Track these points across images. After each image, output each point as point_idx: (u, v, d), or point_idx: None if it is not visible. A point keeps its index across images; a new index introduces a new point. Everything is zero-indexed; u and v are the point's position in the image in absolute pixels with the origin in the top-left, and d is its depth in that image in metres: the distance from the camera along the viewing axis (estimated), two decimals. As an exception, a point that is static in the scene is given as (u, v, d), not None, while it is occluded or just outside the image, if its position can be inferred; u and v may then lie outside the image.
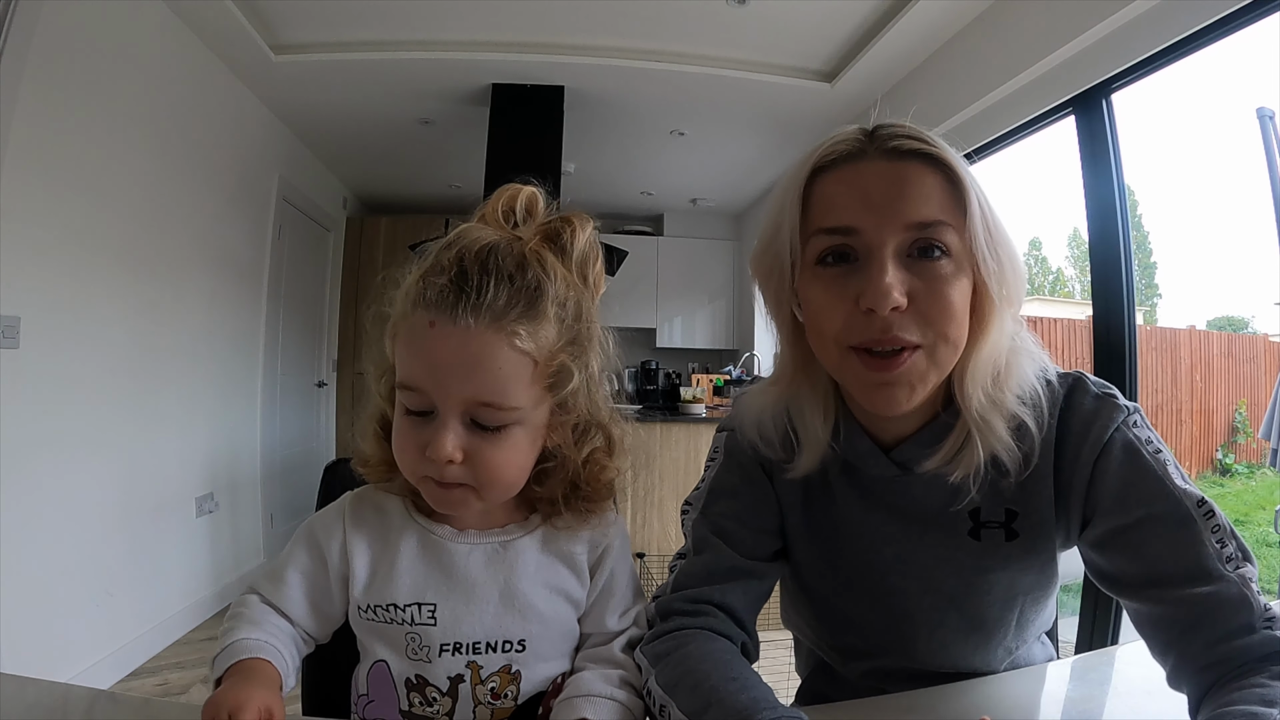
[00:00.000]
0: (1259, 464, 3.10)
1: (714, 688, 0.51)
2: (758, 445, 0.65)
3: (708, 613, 0.61)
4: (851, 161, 0.55)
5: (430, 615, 0.55)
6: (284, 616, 0.57)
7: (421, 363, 0.50)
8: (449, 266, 0.51)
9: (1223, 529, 0.51)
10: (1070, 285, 4.57)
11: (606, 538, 0.61)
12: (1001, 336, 0.56)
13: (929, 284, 0.53)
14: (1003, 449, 0.56)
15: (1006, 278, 0.55)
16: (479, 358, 0.49)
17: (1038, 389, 0.57)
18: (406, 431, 0.52)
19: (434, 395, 0.50)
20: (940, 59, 2.47)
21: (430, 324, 0.49)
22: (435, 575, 0.56)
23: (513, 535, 0.58)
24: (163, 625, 2.33)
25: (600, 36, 2.55)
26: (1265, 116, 2.00)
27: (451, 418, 0.50)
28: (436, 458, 0.49)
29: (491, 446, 0.51)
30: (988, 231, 0.54)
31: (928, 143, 0.55)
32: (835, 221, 0.55)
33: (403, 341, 0.52)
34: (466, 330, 0.48)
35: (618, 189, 4.41)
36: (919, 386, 0.54)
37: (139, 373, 2.22)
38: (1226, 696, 0.45)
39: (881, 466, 0.61)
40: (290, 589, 0.57)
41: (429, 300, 0.50)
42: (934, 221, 0.53)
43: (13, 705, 0.54)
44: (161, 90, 2.26)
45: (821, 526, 0.66)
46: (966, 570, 0.61)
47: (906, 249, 0.53)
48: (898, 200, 0.53)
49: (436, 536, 0.57)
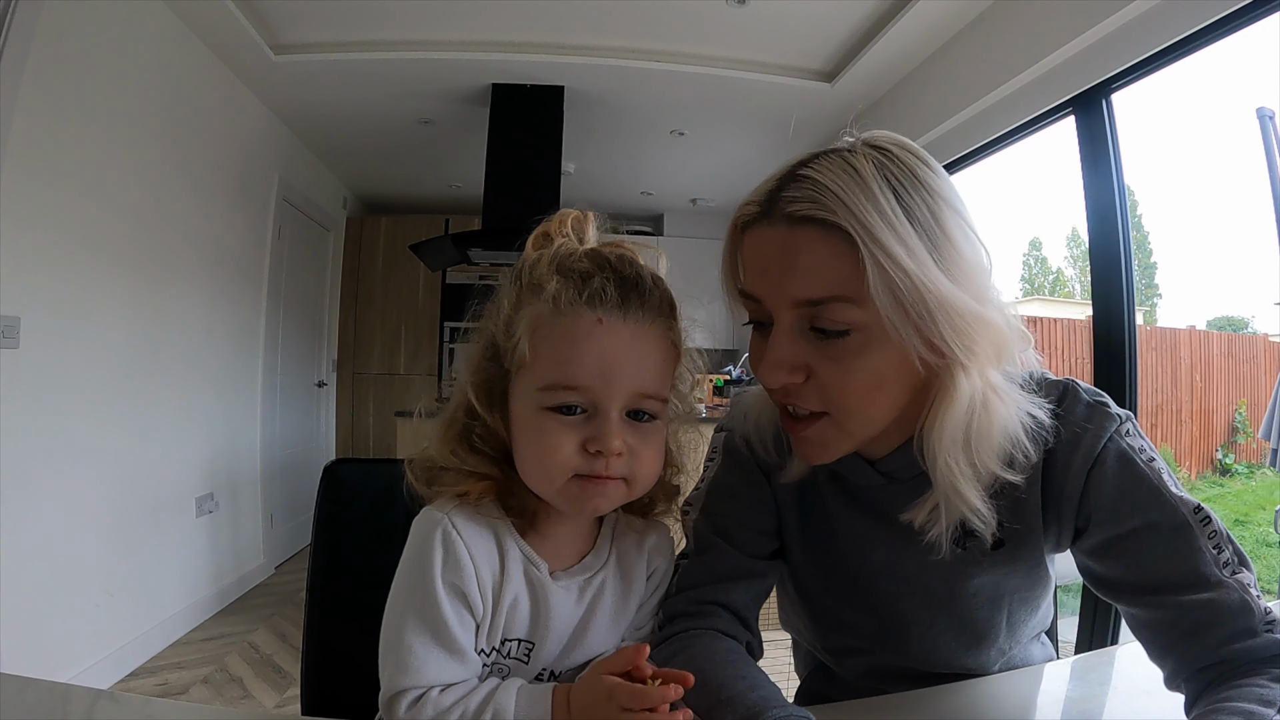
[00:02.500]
0: (1259, 464, 3.10)
1: (722, 686, 0.51)
2: (753, 446, 0.65)
3: (712, 613, 0.61)
4: (758, 224, 0.53)
5: (525, 653, 0.55)
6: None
7: (588, 358, 0.51)
8: (594, 269, 0.53)
9: (1219, 535, 0.51)
10: (1070, 285, 4.56)
11: (661, 555, 0.63)
12: (959, 397, 0.50)
13: (830, 361, 0.51)
14: (973, 515, 0.52)
15: (945, 332, 0.48)
16: (647, 351, 0.53)
17: (1022, 441, 0.53)
18: (557, 430, 0.51)
19: (599, 389, 0.51)
20: (940, 59, 2.47)
21: (599, 321, 0.51)
22: (536, 611, 0.55)
23: (592, 571, 0.58)
24: (163, 625, 2.33)
25: (600, 36, 2.55)
26: (1265, 116, 2.00)
27: (615, 411, 0.52)
28: (608, 449, 0.51)
29: (644, 438, 0.54)
30: (898, 296, 0.47)
31: (823, 208, 0.48)
32: (745, 287, 0.55)
33: (553, 341, 0.52)
34: (638, 324, 0.53)
35: (618, 189, 4.41)
36: (832, 446, 0.55)
37: (139, 373, 2.22)
38: (1224, 693, 0.45)
39: (867, 476, 0.61)
40: (470, 652, 0.52)
41: (591, 299, 0.52)
42: (822, 299, 0.49)
43: (13, 705, 0.54)
44: (161, 90, 2.26)
45: (814, 528, 0.67)
46: (952, 575, 0.61)
47: (806, 323, 0.51)
48: (786, 275, 0.51)
49: (538, 571, 0.55)
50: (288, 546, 3.43)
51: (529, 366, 0.52)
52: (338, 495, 0.83)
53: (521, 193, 2.80)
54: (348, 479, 0.84)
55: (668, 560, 0.64)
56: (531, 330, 0.52)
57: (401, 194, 4.54)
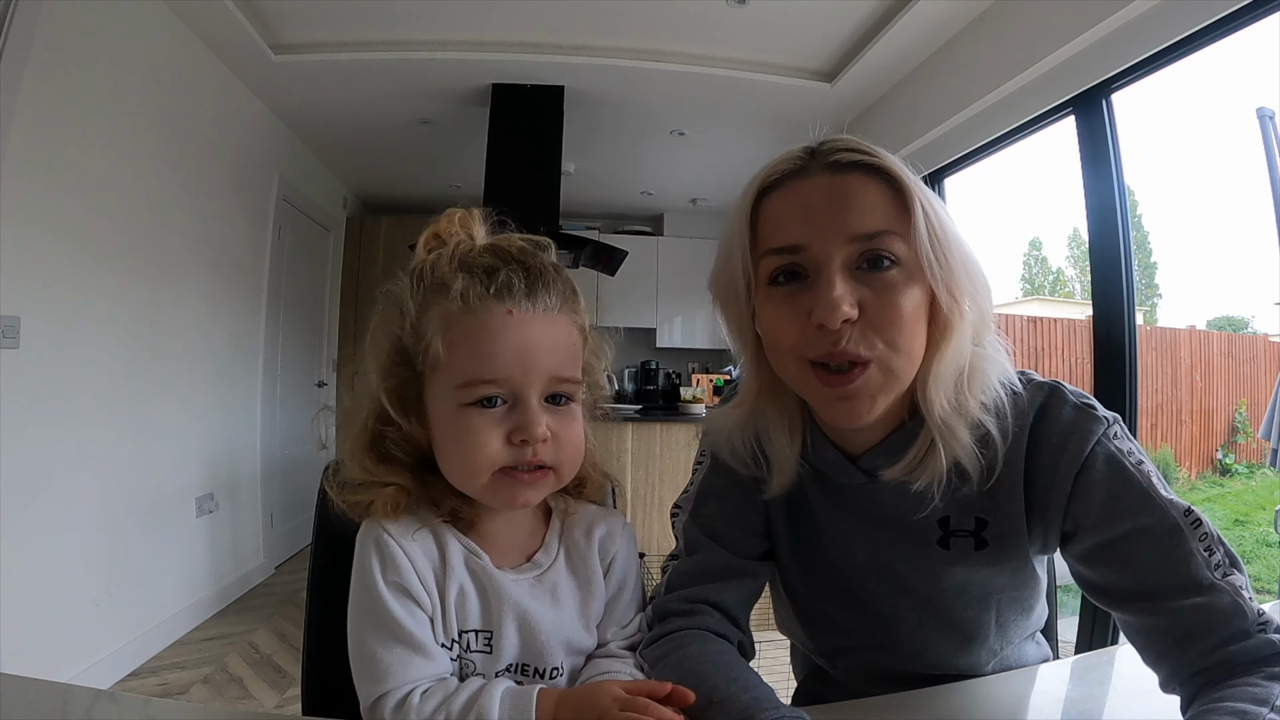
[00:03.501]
0: (1259, 464, 3.10)
1: (715, 688, 0.51)
2: (732, 465, 0.65)
3: (703, 612, 0.61)
4: (795, 179, 0.55)
5: (486, 643, 0.55)
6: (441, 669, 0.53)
7: (504, 349, 0.52)
8: (498, 263, 0.54)
9: (1210, 537, 0.51)
10: (1070, 285, 4.57)
11: (615, 545, 0.62)
12: (963, 343, 0.55)
13: (879, 294, 0.52)
14: (966, 456, 0.55)
15: (960, 284, 0.54)
16: (558, 336, 0.55)
17: (1002, 397, 0.56)
18: (480, 425, 0.52)
19: (518, 379, 0.52)
20: (940, 59, 2.47)
21: (509, 312, 0.52)
22: (486, 601, 0.55)
23: (542, 567, 0.58)
24: (163, 625, 2.33)
25: (600, 36, 2.55)
26: (1265, 116, 2.00)
27: (535, 399, 0.52)
28: (533, 437, 0.52)
29: (565, 422, 0.55)
30: (934, 238, 0.53)
31: (869, 154, 0.54)
32: (781, 241, 0.55)
33: (466, 338, 0.52)
34: (547, 312, 0.54)
35: (618, 189, 4.41)
36: (879, 398, 0.54)
37: (139, 373, 2.22)
38: (1219, 693, 0.45)
39: (849, 474, 0.61)
40: (432, 646, 0.52)
41: (499, 292, 0.52)
42: (878, 232, 0.53)
43: (13, 705, 0.54)
44: (161, 90, 2.26)
45: (802, 530, 0.67)
46: (937, 575, 0.61)
47: (855, 261, 0.53)
48: (841, 213, 0.53)
49: (480, 560, 0.56)
50: (288, 546, 3.43)
51: (444, 366, 0.52)
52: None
53: (521, 193, 2.80)
54: (347, 479, 0.84)
55: (626, 546, 0.64)
56: (443, 329, 0.52)
57: (401, 194, 4.54)
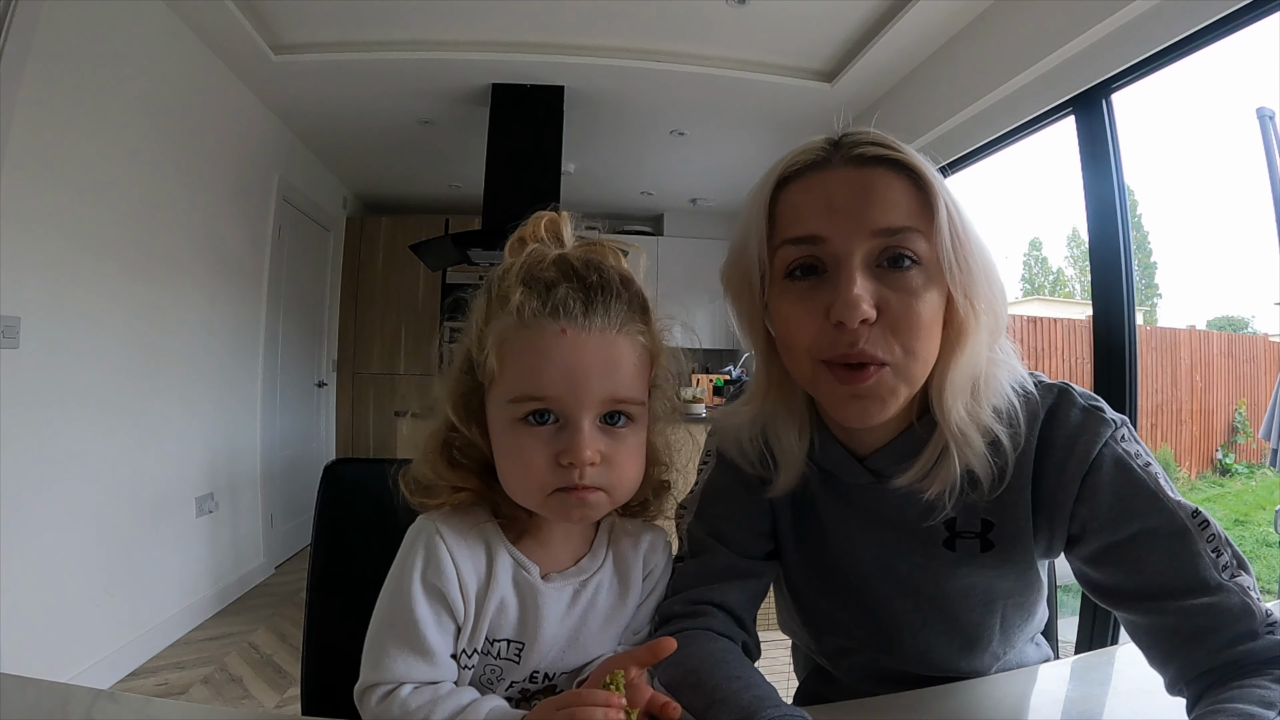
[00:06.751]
0: (1259, 464, 3.10)
1: (717, 686, 0.51)
2: (739, 464, 0.65)
3: (707, 613, 0.61)
4: (817, 170, 0.54)
5: (516, 653, 0.55)
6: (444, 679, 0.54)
7: (553, 369, 0.50)
8: (559, 278, 0.52)
9: (1218, 538, 0.51)
10: (1070, 285, 4.56)
11: (656, 557, 0.63)
12: (978, 349, 0.54)
13: (899, 296, 0.51)
14: (979, 463, 0.55)
15: (979, 288, 0.53)
16: (616, 357, 0.52)
17: (1014, 401, 0.56)
18: (531, 445, 0.51)
19: (568, 400, 0.51)
20: (940, 59, 2.47)
21: (562, 331, 0.51)
22: (525, 615, 0.55)
23: (587, 573, 0.58)
24: (163, 625, 2.33)
25: (600, 36, 2.55)
26: (1265, 116, 2.00)
27: (586, 420, 0.51)
28: (579, 461, 0.50)
29: (620, 445, 0.53)
30: (956, 239, 0.52)
31: (894, 149, 0.53)
32: (801, 231, 0.53)
33: (520, 355, 0.51)
34: (603, 332, 0.52)
35: (618, 189, 4.41)
36: (890, 400, 0.53)
37: (139, 373, 2.22)
38: (1226, 694, 0.45)
39: (857, 474, 0.61)
40: (441, 654, 0.53)
41: (554, 310, 0.51)
42: (901, 228, 0.51)
43: (13, 705, 0.54)
44: (161, 90, 2.26)
45: (807, 530, 0.67)
46: (943, 577, 0.61)
47: (875, 258, 0.52)
48: (863, 207, 0.52)
49: (528, 574, 0.56)
50: (288, 546, 3.43)
51: (498, 380, 0.52)
52: (338, 495, 0.83)
53: (522, 193, 2.80)
54: (348, 479, 0.84)
55: (665, 560, 0.63)
56: (499, 344, 0.52)
57: (401, 194, 4.54)
